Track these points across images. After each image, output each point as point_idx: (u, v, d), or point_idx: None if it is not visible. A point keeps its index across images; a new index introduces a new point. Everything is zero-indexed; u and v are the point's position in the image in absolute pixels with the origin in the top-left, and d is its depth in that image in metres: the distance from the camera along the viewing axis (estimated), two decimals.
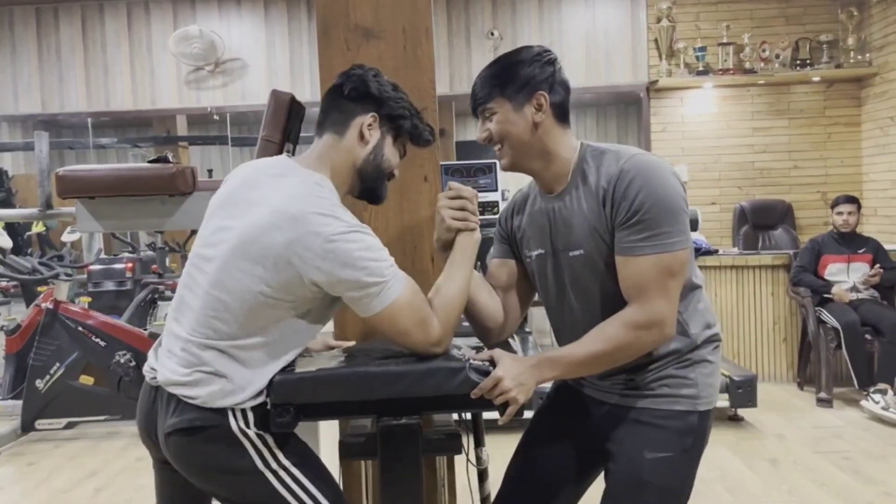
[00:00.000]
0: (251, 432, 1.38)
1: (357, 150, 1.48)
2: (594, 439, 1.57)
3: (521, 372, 1.40)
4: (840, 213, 4.58)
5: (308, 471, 1.43)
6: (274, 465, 1.39)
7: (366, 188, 1.52)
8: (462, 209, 1.52)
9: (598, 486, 1.60)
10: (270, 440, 1.40)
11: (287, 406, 1.40)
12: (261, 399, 1.40)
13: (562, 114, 1.51)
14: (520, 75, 1.47)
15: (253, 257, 1.34)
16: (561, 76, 1.51)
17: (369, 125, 1.48)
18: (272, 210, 1.35)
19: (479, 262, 1.78)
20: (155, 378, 1.42)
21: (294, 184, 1.39)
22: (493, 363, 1.41)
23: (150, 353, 1.48)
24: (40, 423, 4.12)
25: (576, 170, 1.50)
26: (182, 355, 1.38)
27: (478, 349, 1.56)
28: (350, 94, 1.49)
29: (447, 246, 1.54)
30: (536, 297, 1.71)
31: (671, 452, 1.47)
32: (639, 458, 1.47)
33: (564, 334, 1.60)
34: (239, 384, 1.37)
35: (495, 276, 1.69)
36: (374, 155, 1.49)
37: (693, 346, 1.50)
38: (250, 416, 1.39)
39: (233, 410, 1.37)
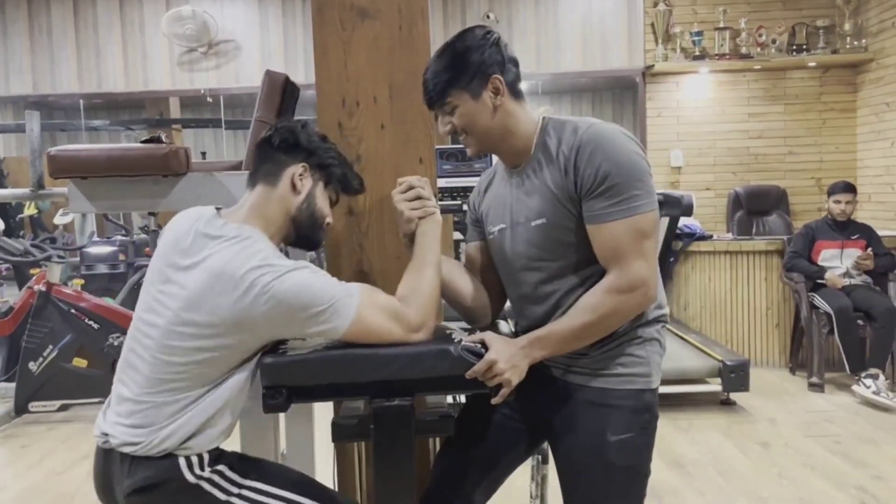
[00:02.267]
0: (206, 473, 1.38)
1: (290, 200, 1.51)
2: (541, 415, 1.57)
3: (514, 354, 1.41)
4: (838, 202, 4.56)
5: (273, 480, 1.44)
6: (236, 490, 1.40)
7: (301, 236, 1.54)
8: (417, 198, 1.55)
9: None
10: (226, 470, 1.41)
11: (279, 388, 1.40)
12: (213, 443, 1.41)
13: (516, 91, 1.52)
14: (472, 63, 1.46)
15: (199, 323, 1.34)
16: (509, 53, 1.51)
17: (300, 174, 1.51)
18: (210, 273, 1.35)
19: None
20: (107, 442, 1.41)
21: (227, 244, 1.39)
22: (484, 346, 1.42)
23: (99, 417, 1.47)
24: (34, 406, 4.12)
25: (538, 143, 1.51)
26: (132, 419, 1.38)
27: (469, 331, 1.56)
28: (280, 145, 1.52)
29: (413, 238, 1.56)
30: None
31: (633, 433, 1.48)
32: (602, 441, 1.47)
33: (526, 309, 1.59)
34: (193, 434, 1.37)
35: (473, 260, 1.70)
36: (307, 203, 1.52)
37: (646, 320, 1.51)
38: (205, 456, 1.39)
39: (187, 458, 1.37)
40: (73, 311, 4.08)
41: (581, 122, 1.47)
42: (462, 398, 1.81)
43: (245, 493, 1.40)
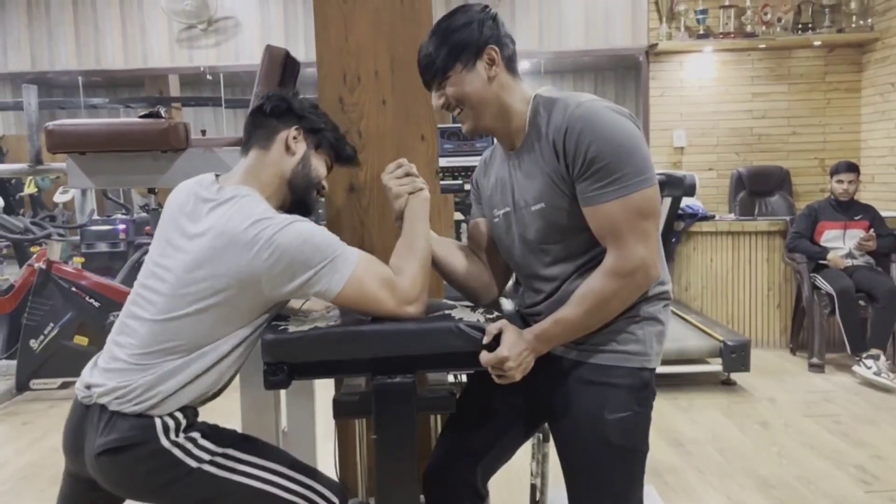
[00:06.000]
0: (181, 439, 1.38)
1: (285, 162, 1.53)
2: (541, 394, 1.56)
3: (523, 350, 1.41)
4: (840, 182, 4.54)
5: (243, 448, 1.44)
6: (207, 457, 1.39)
7: (297, 200, 1.55)
8: (406, 174, 1.56)
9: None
10: (199, 438, 1.40)
11: (280, 365, 1.39)
12: (194, 394, 1.41)
13: (513, 66, 1.50)
14: (466, 38, 1.45)
15: (202, 284, 1.36)
16: (504, 30, 1.49)
17: (294, 137, 1.55)
18: (212, 235, 1.37)
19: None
20: (89, 396, 1.41)
21: (226, 208, 1.41)
22: (497, 338, 1.41)
23: (85, 371, 1.47)
24: (35, 383, 4.13)
25: (531, 122, 1.49)
26: (121, 375, 1.39)
27: (473, 308, 1.55)
28: (272, 111, 1.55)
29: (402, 216, 1.56)
30: None
31: (630, 411, 1.47)
32: (599, 419, 1.46)
33: (532, 291, 1.58)
34: (176, 387, 1.38)
35: (476, 237, 1.68)
36: (303, 165, 1.54)
37: (645, 297, 1.47)
38: (182, 422, 1.39)
39: (162, 419, 1.37)
40: (73, 289, 4.08)
41: (570, 100, 1.43)
42: (463, 376, 1.81)
43: (217, 459, 1.40)
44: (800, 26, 5.77)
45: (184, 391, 1.39)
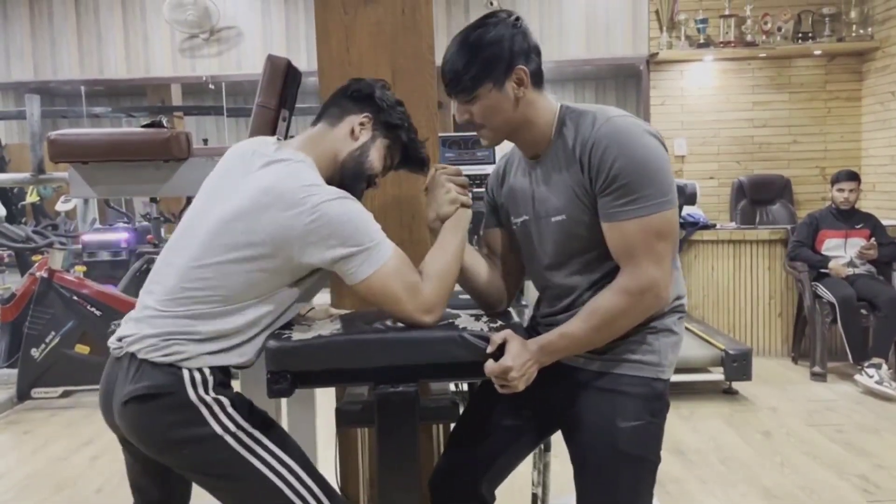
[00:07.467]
0: (209, 398, 1.37)
1: (343, 143, 1.52)
2: (551, 403, 1.56)
3: (527, 361, 1.40)
4: (841, 190, 4.55)
5: (269, 433, 1.42)
6: (232, 428, 1.38)
7: (344, 184, 1.52)
8: (462, 185, 1.56)
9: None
10: (227, 403, 1.39)
11: (283, 373, 1.39)
12: (222, 360, 1.40)
13: (539, 80, 1.48)
14: (499, 54, 1.41)
15: (238, 234, 1.36)
16: (533, 42, 1.47)
17: (361, 123, 1.53)
18: (259, 189, 1.37)
19: (475, 235, 1.77)
20: (120, 348, 1.41)
21: (280, 167, 1.42)
22: (501, 348, 1.40)
23: (121, 326, 1.47)
24: (36, 392, 4.13)
25: (556, 133, 1.48)
26: (151, 323, 1.39)
27: (477, 317, 1.55)
28: (352, 94, 1.55)
29: (444, 221, 1.54)
30: None
31: (642, 420, 1.47)
32: (612, 427, 1.46)
33: (549, 299, 1.59)
34: (204, 338, 1.38)
35: (491, 246, 1.68)
36: (360, 153, 1.52)
37: (661, 311, 1.48)
38: (209, 379, 1.38)
39: (190, 371, 1.36)
40: (75, 297, 4.08)
41: (599, 115, 1.43)
42: (465, 385, 1.81)
43: (241, 435, 1.38)
44: (800, 35, 5.79)
45: (210, 347, 1.38)
